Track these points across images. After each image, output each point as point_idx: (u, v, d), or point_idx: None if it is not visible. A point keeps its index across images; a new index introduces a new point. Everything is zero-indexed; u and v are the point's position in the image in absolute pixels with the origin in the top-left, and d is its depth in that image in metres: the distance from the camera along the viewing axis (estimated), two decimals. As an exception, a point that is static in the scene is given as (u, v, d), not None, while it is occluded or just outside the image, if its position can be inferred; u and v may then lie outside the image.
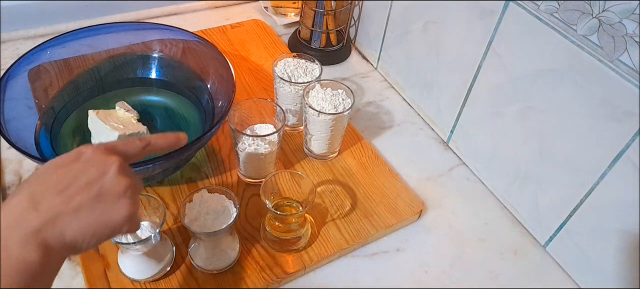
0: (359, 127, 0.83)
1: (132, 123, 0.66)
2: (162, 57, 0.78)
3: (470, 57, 0.72)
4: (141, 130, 0.65)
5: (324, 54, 0.96)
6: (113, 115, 0.66)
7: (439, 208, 0.73)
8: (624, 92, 0.53)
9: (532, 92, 0.64)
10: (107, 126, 0.62)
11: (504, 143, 0.71)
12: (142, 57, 0.77)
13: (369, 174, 0.73)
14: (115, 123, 0.63)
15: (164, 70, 0.78)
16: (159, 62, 0.78)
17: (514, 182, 0.71)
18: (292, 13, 1.06)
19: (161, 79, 0.77)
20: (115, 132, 0.62)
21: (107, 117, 0.64)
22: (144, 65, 0.78)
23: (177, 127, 0.73)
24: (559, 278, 0.66)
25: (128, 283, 0.57)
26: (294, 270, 0.61)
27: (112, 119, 0.64)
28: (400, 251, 0.67)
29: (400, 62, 0.89)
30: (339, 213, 0.68)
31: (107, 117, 0.64)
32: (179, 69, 0.77)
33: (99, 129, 0.64)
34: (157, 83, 0.77)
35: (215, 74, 0.73)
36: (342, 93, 0.71)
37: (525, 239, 0.70)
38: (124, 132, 0.62)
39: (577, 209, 0.62)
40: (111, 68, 0.76)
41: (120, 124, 0.64)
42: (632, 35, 0.51)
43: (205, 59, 0.75)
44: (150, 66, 0.78)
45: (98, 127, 0.64)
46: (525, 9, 0.62)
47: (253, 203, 0.67)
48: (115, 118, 0.65)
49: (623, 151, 0.55)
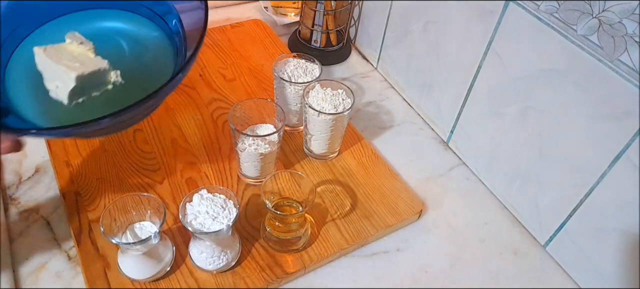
0: (359, 127, 0.83)
1: (90, 58, 0.53)
2: None
3: (470, 57, 0.72)
4: (102, 66, 0.52)
5: (324, 54, 0.96)
6: (64, 50, 0.53)
7: (439, 208, 0.73)
8: (624, 92, 0.53)
9: (532, 92, 0.64)
10: (60, 66, 0.50)
11: (504, 143, 0.71)
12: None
13: (369, 174, 0.73)
14: (70, 61, 0.51)
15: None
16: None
17: (514, 182, 0.71)
18: (292, 13, 1.06)
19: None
20: (72, 73, 0.50)
21: (58, 54, 0.52)
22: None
23: (144, 63, 0.58)
24: (559, 278, 0.66)
25: (128, 283, 0.57)
26: (294, 270, 0.61)
27: (65, 56, 0.52)
28: (400, 251, 0.67)
29: (400, 62, 0.89)
30: (339, 213, 0.68)
31: (58, 54, 0.52)
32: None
33: (52, 71, 0.51)
34: (112, 4, 0.60)
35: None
36: (342, 93, 0.71)
37: (525, 239, 0.70)
38: (82, 71, 0.50)
39: (577, 209, 0.62)
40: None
41: (75, 61, 0.52)
42: (632, 35, 0.51)
43: None
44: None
45: (50, 69, 0.51)
46: (525, 9, 0.62)
47: (253, 203, 0.67)
48: (68, 54, 0.52)
49: (623, 151, 0.55)
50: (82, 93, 0.51)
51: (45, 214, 0.64)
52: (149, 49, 0.59)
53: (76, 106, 0.51)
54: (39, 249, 0.60)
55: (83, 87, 0.50)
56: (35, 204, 0.65)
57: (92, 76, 0.51)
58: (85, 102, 0.52)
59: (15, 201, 0.65)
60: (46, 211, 0.64)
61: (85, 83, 0.50)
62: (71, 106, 0.50)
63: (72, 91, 0.49)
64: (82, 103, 0.51)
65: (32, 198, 0.66)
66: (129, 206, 0.57)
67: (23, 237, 0.61)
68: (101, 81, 0.52)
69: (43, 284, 0.57)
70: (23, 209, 0.64)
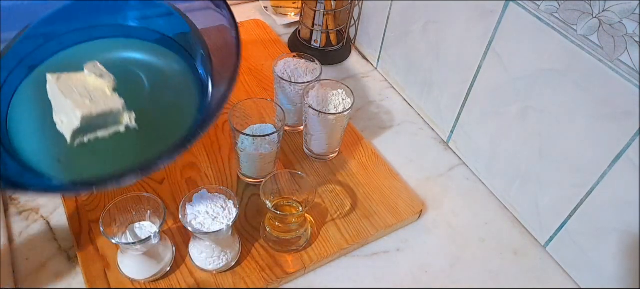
0: (359, 127, 0.83)
1: (105, 95, 0.48)
2: None
3: (470, 57, 0.72)
4: (114, 108, 0.46)
5: (324, 54, 0.96)
6: (79, 82, 0.48)
7: (439, 208, 0.72)
8: (624, 92, 0.53)
9: (532, 92, 0.64)
10: (68, 101, 0.45)
11: (504, 143, 0.71)
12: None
13: (369, 174, 0.73)
14: (81, 95, 0.46)
15: (151, 18, 0.57)
16: (146, 5, 0.56)
17: (514, 182, 0.71)
18: (292, 13, 1.06)
19: (148, 29, 0.56)
20: (78, 112, 0.44)
21: (70, 85, 0.47)
22: (123, 8, 0.56)
23: (165, 104, 0.53)
24: (559, 278, 0.66)
25: (128, 283, 0.57)
26: (294, 270, 0.61)
27: (78, 89, 0.47)
28: (400, 251, 0.67)
29: (400, 62, 0.89)
30: (339, 213, 0.68)
31: (70, 85, 0.47)
32: (173, 17, 0.56)
33: (60, 104, 0.46)
34: (142, 34, 0.55)
35: (216, 35, 0.53)
36: (342, 93, 0.71)
37: (525, 239, 0.70)
38: (90, 111, 0.45)
39: (577, 209, 0.62)
40: (80, 10, 0.54)
41: (87, 95, 0.47)
42: (632, 35, 0.51)
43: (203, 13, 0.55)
44: (133, 10, 0.56)
45: (59, 101, 0.47)
46: (525, 8, 0.62)
47: (253, 203, 0.67)
48: (82, 87, 0.47)
49: (623, 151, 0.55)
50: (87, 132, 0.46)
51: (45, 214, 0.64)
52: (171, 87, 0.54)
53: (80, 146, 0.46)
54: (39, 249, 0.60)
55: (90, 127, 0.45)
56: (35, 204, 0.65)
57: (102, 117, 0.46)
58: (90, 141, 0.47)
59: (15, 201, 0.65)
60: (46, 211, 0.64)
61: (93, 123, 0.45)
62: (74, 145, 0.46)
63: (76, 130, 0.45)
64: (86, 143, 0.47)
65: (32, 198, 0.66)
66: (129, 206, 0.57)
67: (23, 237, 0.61)
68: (112, 122, 0.47)
69: (43, 284, 0.57)
70: (23, 209, 0.64)
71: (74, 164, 0.47)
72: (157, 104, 0.52)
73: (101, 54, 0.53)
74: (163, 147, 0.44)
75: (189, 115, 0.49)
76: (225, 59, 0.48)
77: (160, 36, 0.55)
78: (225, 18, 0.49)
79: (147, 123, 0.49)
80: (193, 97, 0.52)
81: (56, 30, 0.53)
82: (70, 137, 0.45)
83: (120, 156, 0.48)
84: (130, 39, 0.55)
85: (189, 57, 0.55)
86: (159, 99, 0.52)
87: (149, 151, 0.45)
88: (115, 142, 0.47)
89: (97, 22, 0.55)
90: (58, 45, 0.54)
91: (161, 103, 0.52)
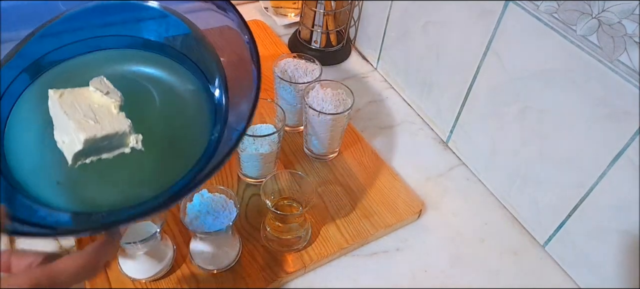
0: (359, 127, 0.83)
1: (111, 114, 0.43)
2: (167, 12, 0.51)
3: (470, 57, 0.72)
4: (120, 129, 0.42)
5: (324, 54, 0.96)
6: (84, 98, 0.44)
7: (438, 208, 0.73)
8: (623, 93, 0.53)
9: (531, 92, 0.64)
10: (71, 122, 0.41)
11: (504, 143, 0.71)
12: (137, 7, 0.51)
13: (369, 174, 0.74)
14: (85, 115, 0.42)
15: (166, 30, 0.52)
16: (162, 17, 0.51)
17: (514, 182, 0.71)
18: (292, 13, 1.06)
19: (162, 43, 0.51)
20: (81, 134, 0.41)
21: (74, 103, 0.43)
22: (137, 18, 0.52)
23: (176, 125, 0.48)
24: (559, 278, 0.66)
25: (128, 283, 0.57)
26: (294, 270, 0.61)
27: (82, 107, 0.43)
28: (400, 251, 0.67)
29: (400, 62, 0.89)
30: (339, 213, 0.68)
31: (74, 103, 0.43)
32: (190, 34, 0.51)
33: (62, 123, 0.43)
34: (155, 47, 0.51)
35: (233, 56, 0.49)
36: (342, 93, 0.71)
37: (525, 239, 0.70)
38: (94, 133, 0.41)
39: (576, 209, 0.62)
40: (87, 18, 0.50)
41: (91, 115, 0.43)
42: (631, 35, 0.51)
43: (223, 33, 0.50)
44: (148, 21, 0.52)
45: (60, 120, 0.43)
46: (525, 9, 0.62)
47: (253, 203, 0.68)
48: (86, 105, 0.43)
49: (623, 151, 0.55)
50: (90, 154, 0.43)
51: (46, 214, 0.64)
52: (183, 107, 0.49)
53: (82, 167, 0.43)
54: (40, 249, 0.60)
55: (93, 149, 0.42)
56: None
57: (106, 139, 0.42)
58: (92, 162, 0.43)
59: (16, 201, 0.65)
60: (46, 210, 0.64)
61: (97, 145, 0.42)
62: (75, 166, 0.42)
63: (78, 152, 0.41)
64: (88, 164, 0.43)
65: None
66: (130, 205, 0.57)
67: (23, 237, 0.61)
68: (117, 144, 0.43)
69: (43, 284, 0.57)
70: (23, 209, 0.64)
71: (75, 187, 0.43)
72: (166, 124, 0.48)
73: (110, 65, 0.50)
74: (170, 173, 0.42)
75: (201, 139, 0.46)
76: (243, 90, 0.45)
77: (175, 52, 0.51)
78: (247, 50, 0.46)
79: (155, 144, 0.45)
80: (205, 119, 0.48)
81: (63, 39, 0.50)
82: (71, 160, 0.42)
83: (125, 180, 0.44)
84: (142, 51, 0.51)
85: (204, 78, 0.50)
86: (169, 119, 0.48)
87: (155, 175, 0.44)
88: (120, 164, 0.44)
89: (107, 31, 0.51)
90: (64, 54, 0.50)
91: (171, 124, 0.48)
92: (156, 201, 0.40)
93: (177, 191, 0.41)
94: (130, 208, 0.40)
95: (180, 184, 0.42)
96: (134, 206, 0.41)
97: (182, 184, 0.42)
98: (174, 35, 0.51)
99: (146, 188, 0.43)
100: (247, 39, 0.46)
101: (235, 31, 0.47)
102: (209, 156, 0.44)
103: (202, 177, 0.40)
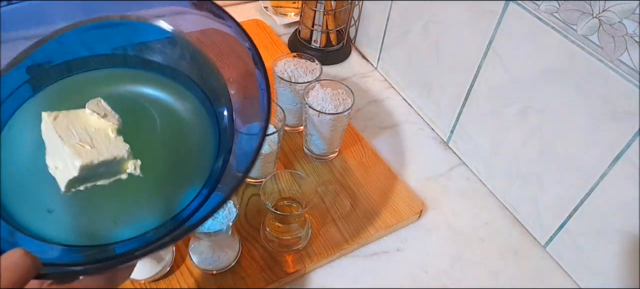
0: (359, 127, 0.83)
1: (108, 139, 0.41)
2: (172, 33, 0.48)
3: (470, 57, 0.72)
4: (118, 155, 0.40)
5: (324, 54, 0.96)
6: (79, 121, 0.41)
7: (439, 208, 0.72)
8: (624, 92, 0.53)
9: (532, 92, 0.64)
10: (66, 147, 0.39)
11: (504, 143, 0.71)
12: (139, 27, 0.48)
13: (369, 174, 0.73)
14: (80, 139, 0.40)
15: (170, 51, 0.49)
16: (165, 38, 0.48)
17: (514, 182, 0.71)
18: (292, 13, 1.06)
19: (164, 64, 0.48)
20: (77, 161, 0.38)
21: (69, 127, 0.40)
22: (138, 36, 0.49)
23: (177, 152, 0.45)
24: (559, 278, 0.66)
25: (128, 283, 0.57)
26: (294, 270, 0.61)
27: (77, 131, 0.41)
28: (400, 251, 0.67)
29: (400, 62, 0.89)
30: (339, 213, 0.68)
31: (69, 127, 0.40)
32: (194, 54, 0.49)
33: (55, 148, 0.40)
34: (157, 68, 0.48)
35: (241, 77, 0.46)
36: (342, 93, 0.71)
37: (525, 239, 0.70)
38: (90, 159, 0.39)
39: (577, 209, 0.62)
40: (86, 37, 0.47)
41: (87, 139, 0.40)
42: (632, 35, 0.51)
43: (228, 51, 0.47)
44: (151, 39, 0.49)
45: (54, 144, 0.40)
46: (525, 8, 0.62)
47: (253, 203, 0.67)
48: (82, 129, 0.41)
49: (623, 151, 0.55)
50: (85, 181, 0.40)
51: (45, 214, 0.64)
52: (186, 133, 0.46)
53: (75, 194, 0.40)
54: (38, 249, 0.60)
55: (89, 176, 0.40)
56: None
57: (103, 165, 0.40)
58: (87, 189, 0.40)
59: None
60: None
61: (93, 172, 0.40)
62: (68, 193, 0.40)
63: (73, 179, 0.39)
64: (82, 191, 0.40)
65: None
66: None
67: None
68: (114, 170, 0.41)
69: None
70: (23, 209, 0.64)
71: (68, 216, 0.41)
72: (168, 149, 0.45)
73: (110, 84, 0.47)
74: (170, 202, 0.41)
75: (203, 167, 0.44)
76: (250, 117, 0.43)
77: (181, 75, 0.48)
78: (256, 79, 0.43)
79: (154, 171, 0.43)
80: (209, 146, 0.45)
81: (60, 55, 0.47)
82: (65, 187, 0.39)
83: (122, 208, 0.42)
84: (144, 71, 0.48)
85: (209, 103, 0.48)
86: (171, 144, 0.46)
87: (154, 204, 0.42)
88: (116, 191, 0.41)
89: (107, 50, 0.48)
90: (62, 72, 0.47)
91: (172, 149, 0.46)
92: (164, 239, 0.37)
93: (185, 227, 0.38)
94: (144, 245, 0.37)
95: (184, 215, 0.40)
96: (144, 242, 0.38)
97: (186, 215, 0.40)
98: (178, 57, 0.49)
99: (144, 217, 0.41)
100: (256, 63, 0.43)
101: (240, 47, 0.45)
102: (212, 184, 0.41)
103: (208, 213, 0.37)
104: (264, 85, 0.42)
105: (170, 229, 0.39)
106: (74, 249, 0.39)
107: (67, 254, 0.39)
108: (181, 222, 0.39)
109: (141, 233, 0.39)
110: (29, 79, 0.45)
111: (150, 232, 0.39)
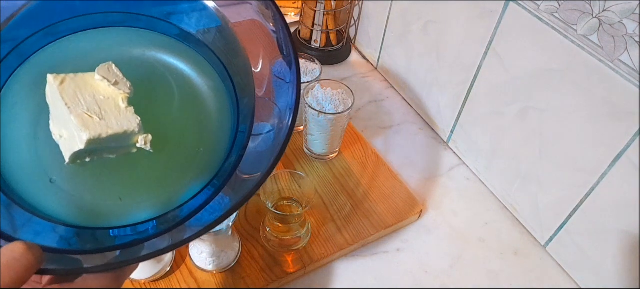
0: (359, 127, 0.83)
1: (118, 109, 0.37)
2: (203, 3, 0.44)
3: (470, 57, 0.72)
4: (129, 129, 0.37)
5: (324, 54, 0.96)
6: (88, 87, 0.37)
7: (439, 208, 0.72)
8: (624, 92, 0.53)
9: (532, 92, 0.64)
10: (72, 117, 0.35)
11: (504, 143, 0.71)
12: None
13: (369, 174, 0.73)
14: (89, 109, 0.36)
15: (194, 19, 0.44)
16: (195, 7, 0.45)
17: (514, 182, 0.71)
18: (292, 13, 1.06)
19: (187, 32, 0.44)
20: (83, 133, 0.35)
21: (77, 93, 0.36)
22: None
23: (192, 128, 0.42)
24: (559, 278, 0.66)
25: (128, 283, 0.57)
26: (294, 270, 0.61)
27: (85, 97, 0.37)
28: (400, 251, 0.67)
29: (400, 62, 0.89)
30: (339, 213, 0.68)
31: (77, 93, 0.36)
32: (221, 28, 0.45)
33: (60, 113, 0.36)
34: (177, 34, 0.43)
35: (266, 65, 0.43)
36: (342, 93, 0.71)
37: (525, 239, 0.70)
38: (98, 132, 0.35)
39: (577, 209, 0.62)
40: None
41: (96, 109, 0.36)
42: (632, 35, 0.51)
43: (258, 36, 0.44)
44: (178, 10, 0.44)
45: (59, 109, 0.36)
46: (525, 8, 0.62)
47: (253, 203, 0.67)
48: (91, 96, 0.37)
49: (623, 151, 0.55)
50: (92, 154, 0.37)
51: (45, 214, 0.64)
52: (204, 109, 0.42)
53: (80, 166, 0.37)
54: (38, 249, 0.60)
55: (96, 149, 0.37)
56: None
57: (111, 139, 0.36)
58: (93, 161, 0.37)
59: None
60: (46, 211, 0.64)
61: (100, 145, 0.37)
62: (71, 164, 0.37)
63: (78, 152, 0.36)
64: (88, 163, 0.37)
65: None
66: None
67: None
68: (123, 143, 0.38)
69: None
70: (23, 209, 0.64)
71: (71, 189, 0.38)
72: (183, 126, 0.41)
73: (124, 46, 0.42)
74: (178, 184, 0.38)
75: (213, 162, 0.40)
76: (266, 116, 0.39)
77: (204, 46, 0.44)
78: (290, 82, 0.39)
79: (166, 148, 0.40)
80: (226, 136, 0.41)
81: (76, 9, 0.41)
82: (69, 158, 0.36)
83: (128, 184, 0.39)
84: (164, 35, 0.43)
85: (231, 84, 0.43)
86: (187, 121, 0.42)
87: (162, 185, 0.39)
88: (123, 165, 0.39)
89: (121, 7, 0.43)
90: (71, 27, 0.41)
91: (188, 127, 0.42)
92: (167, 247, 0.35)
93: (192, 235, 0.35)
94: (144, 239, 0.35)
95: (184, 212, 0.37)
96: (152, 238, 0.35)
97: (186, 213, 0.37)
98: (205, 29, 0.44)
99: (149, 199, 0.38)
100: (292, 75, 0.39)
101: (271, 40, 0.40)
102: (216, 184, 0.38)
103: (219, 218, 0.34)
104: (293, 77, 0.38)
105: (169, 227, 0.37)
106: (73, 240, 0.37)
107: (64, 241, 0.36)
108: (181, 221, 0.37)
109: (140, 221, 0.37)
110: (38, 31, 0.40)
111: (151, 231, 0.37)
